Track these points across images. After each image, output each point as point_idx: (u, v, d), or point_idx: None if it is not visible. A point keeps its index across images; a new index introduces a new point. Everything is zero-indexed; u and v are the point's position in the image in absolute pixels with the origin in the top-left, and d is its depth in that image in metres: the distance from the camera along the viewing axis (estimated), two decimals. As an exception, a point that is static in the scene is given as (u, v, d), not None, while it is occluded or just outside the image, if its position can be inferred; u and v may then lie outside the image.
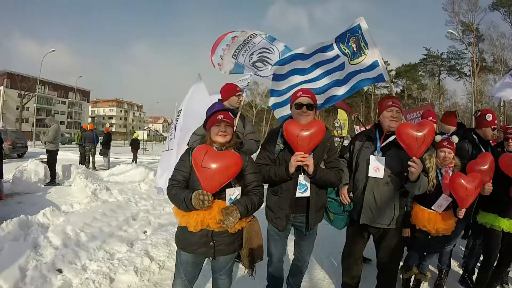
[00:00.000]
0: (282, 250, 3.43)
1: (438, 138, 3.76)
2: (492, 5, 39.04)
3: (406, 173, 3.05)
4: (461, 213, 3.48)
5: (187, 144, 3.95)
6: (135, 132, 30.86)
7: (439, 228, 3.61)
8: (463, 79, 42.73)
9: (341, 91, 4.54)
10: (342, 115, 13.62)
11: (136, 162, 17.62)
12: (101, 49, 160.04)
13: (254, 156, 3.48)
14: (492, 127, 4.06)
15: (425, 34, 70.31)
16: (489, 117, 4.09)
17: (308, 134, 2.89)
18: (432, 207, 3.63)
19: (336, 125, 13.50)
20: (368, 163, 3.28)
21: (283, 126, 3.05)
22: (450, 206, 3.62)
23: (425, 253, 3.97)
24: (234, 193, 2.72)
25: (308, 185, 3.12)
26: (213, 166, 2.46)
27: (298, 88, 4.49)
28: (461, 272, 4.72)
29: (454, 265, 5.13)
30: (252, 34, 5.47)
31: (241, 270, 4.32)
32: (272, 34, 5.54)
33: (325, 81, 4.63)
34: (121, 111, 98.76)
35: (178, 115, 4.66)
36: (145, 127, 77.07)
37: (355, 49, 4.43)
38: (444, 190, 3.56)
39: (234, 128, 4.32)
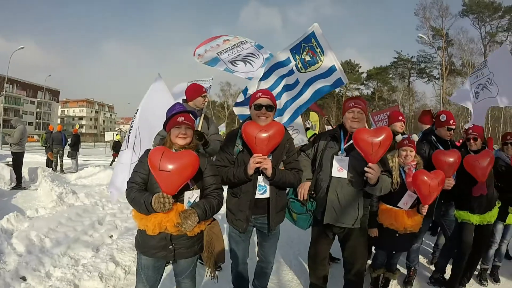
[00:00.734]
0: (245, 252, 3.39)
1: (399, 137, 3.91)
2: (462, 12, 40.80)
3: (366, 177, 3.10)
4: (424, 209, 3.56)
5: (152, 145, 3.88)
6: (117, 134, 30.38)
7: (407, 225, 3.68)
8: (432, 81, 44.35)
9: (302, 101, 4.68)
10: (313, 116, 13.76)
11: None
12: (71, 46, 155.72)
13: None
14: (448, 127, 4.20)
15: (396, 38, 72.50)
16: (443, 117, 4.26)
17: (266, 136, 2.89)
18: (398, 205, 3.71)
19: (308, 125, 13.64)
20: (331, 163, 3.29)
21: (241, 127, 3.04)
22: (416, 204, 3.70)
23: (393, 252, 4.03)
24: (192, 196, 2.70)
25: (268, 186, 3.12)
26: (170, 167, 2.43)
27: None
28: (430, 268, 4.89)
29: (423, 261, 5.27)
30: (243, 41, 5.81)
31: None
32: (245, 34, 5.79)
33: (284, 98, 4.77)
34: (91, 111, 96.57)
35: (135, 115, 4.59)
36: (116, 128, 75.61)
37: (308, 58, 4.52)
38: (408, 187, 3.65)
39: (199, 127, 4.39)
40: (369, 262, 4.38)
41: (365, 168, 3.03)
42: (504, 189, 4.24)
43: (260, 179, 3.10)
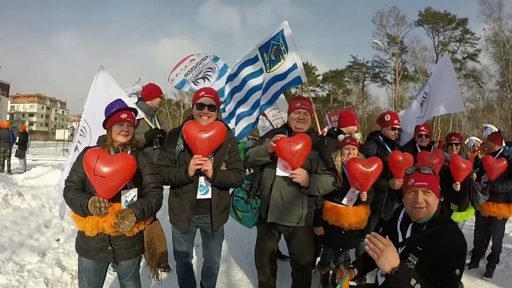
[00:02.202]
0: (189, 252, 3.38)
1: (341, 137, 4.05)
2: (418, 21, 42.75)
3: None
4: (363, 196, 3.67)
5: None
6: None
7: (352, 222, 3.74)
8: (386, 86, 45.91)
9: (263, 101, 4.78)
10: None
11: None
12: (23, 38, 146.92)
13: None
14: (392, 126, 4.39)
15: (353, 43, 74.24)
16: (388, 117, 4.48)
17: (207, 137, 2.87)
18: (342, 202, 3.78)
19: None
20: (276, 162, 3.31)
21: (183, 127, 3.00)
22: (361, 201, 3.77)
23: (340, 249, 4.07)
24: (129, 195, 2.67)
25: (209, 187, 3.10)
26: (106, 172, 2.38)
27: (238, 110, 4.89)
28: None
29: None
30: (204, 57, 6.21)
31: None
32: (204, 32, 6.11)
33: (253, 98, 4.92)
34: (43, 107, 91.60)
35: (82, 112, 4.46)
36: (69, 126, 72.65)
37: (274, 58, 4.62)
38: (351, 184, 3.73)
39: (156, 125, 4.38)
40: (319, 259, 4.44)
41: (288, 175, 3.13)
42: (445, 188, 4.42)
43: (202, 179, 3.09)
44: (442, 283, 2.03)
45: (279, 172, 3.29)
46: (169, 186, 3.20)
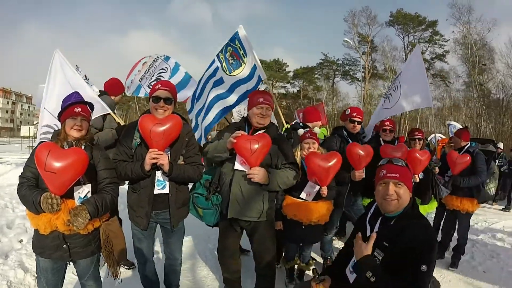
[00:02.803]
0: (149, 249, 3.31)
1: (301, 131, 4.03)
2: (389, 22, 43.57)
3: None
4: (323, 191, 3.64)
5: None
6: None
7: (311, 217, 3.72)
8: (355, 83, 46.67)
9: (229, 102, 4.79)
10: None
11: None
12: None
13: None
14: (350, 119, 4.41)
15: (324, 41, 74.84)
16: (348, 111, 4.56)
17: (161, 130, 2.81)
18: (300, 196, 3.76)
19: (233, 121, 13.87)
20: (235, 156, 3.25)
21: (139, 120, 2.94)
22: (323, 196, 3.74)
23: (301, 244, 4.09)
24: (83, 191, 2.58)
25: (167, 181, 3.04)
26: (57, 167, 2.27)
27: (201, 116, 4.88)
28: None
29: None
30: (155, 58, 6.18)
31: (122, 274, 4.23)
32: (175, 26, 6.07)
33: (211, 95, 4.89)
34: (8, 102, 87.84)
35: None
36: (35, 122, 70.55)
37: (232, 61, 4.61)
38: (309, 178, 3.70)
39: (119, 121, 4.28)
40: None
41: (246, 174, 3.11)
42: None
43: (159, 174, 3.03)
44: (408, 279, 2.00)
45: (237, 166, 3.24)
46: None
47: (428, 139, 8.65)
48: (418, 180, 4.38)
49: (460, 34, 38.02)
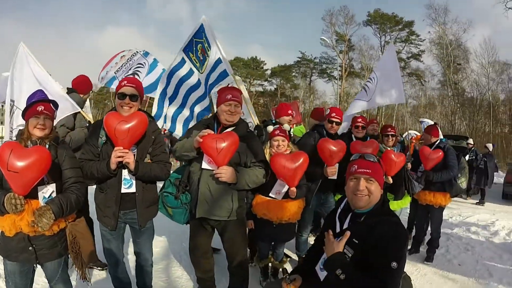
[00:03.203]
0: (118, 250, 3.23)
1: (270, 128, 3.97)
2: (366, 21, 43.83)
3: None
4: (291, 192, 3.57)
5: None
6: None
7: (282, 216, 3.68)
8: (332, 81, 46.89)
9: (206, 102, 4.78)
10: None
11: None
12: None
13: None
14: (328, 119, 4.39)
15: (302, 39, 74.73)
16: (327, 111, 4.58)
17: (127, 128, 2.75)
18: (270, 195, 3.70)
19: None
20: (202, 155, 3.18)
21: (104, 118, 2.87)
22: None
23: (273, 243, 4.05)
24: (47, 191, 2.52)
25: (133, 180, 2.98)
26: (19, 167, 2.21)
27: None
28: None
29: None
30: (134, 52, 6.08)
31: (95, 276, 4.10)
32: (153, 23, 5.98)
33: (189, 104, 4.84)
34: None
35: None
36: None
37: (202, 58, 4.56)
38: (278, 176, 3.63)
39: (89, 119, 4.19)
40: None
41: (214, 170, 3.06)
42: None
43: (125, 172, 2.96)
44: (378, 276, 1.96)
45: (205, 165, 3.18)
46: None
47: (403, 136, 8.78)
48: (391, 181, 4.40)
49: (436, 35, 38.84)
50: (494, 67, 35.09)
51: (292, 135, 5.67)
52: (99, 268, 4.23)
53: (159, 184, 3.30)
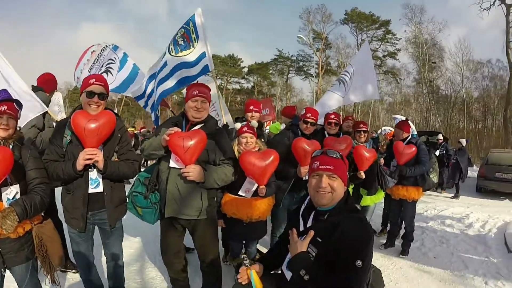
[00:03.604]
0: (88, 252, 3.13)
1: (238, 125, 3.88)
2: (343, 20, 44.46)
3: None
4: (261, 190, 3.51)
5: None
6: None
7: (251, 214, 3.64)
8: (309, 79, 47.38)
9: (167, 85, 4.61)
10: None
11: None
12: None
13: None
14: (303, 119, 4.34)
15: (279, 37, 75.07)
16: (303, 111, 4.53)
17: (96, 126, 2.70)
18: (239, 193, 3.65)
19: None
20: (170, 153, 3.11)
21: (71, 117, 2.79)
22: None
23: (243, 241, 4.00)
24: (11, 192, 2.46)
25: (100, 180, 2.91)
26: None
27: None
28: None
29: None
30: (104, 47, 5.85)
31: (68, 279, 4.01)
32: (129, 19, 5.84)
33: (151, 86, 4.76)
34: None
35: None
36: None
37: (181, 42, 4.48)
38: (246, 174, 3.57)
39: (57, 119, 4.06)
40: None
41: (182, 169, 3.01)
42: (355, 175, 4.55)
43: (92, 172, 2.89)
44: (342, 275, 1.93)
45: (173, 164, 3.12)
46: None
47: (378, 131, 8.89)
48: (363, 177, 4.42)
49: (412, 34, 39.92)
50: (468, 66, 36.53)
51: (267, 132, 5.65)
52: (73, 271, 4.12)
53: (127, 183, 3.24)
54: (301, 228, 2.26)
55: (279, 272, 2.41)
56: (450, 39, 47.93)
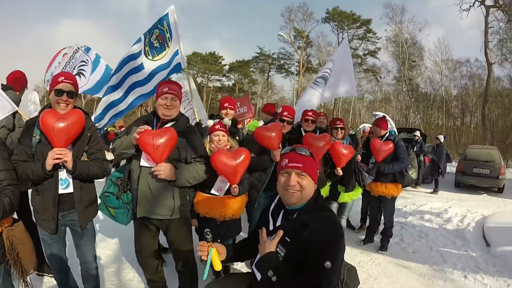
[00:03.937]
0: (62, 255, 3.06)
1: (210, 122, 3.85)
2: (325, 19, 44.52)
3: None
4: (233, 189, 3.47)
5: None
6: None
7: (225, 213, 3.61)
8: (290, 76, 47.38)
9: (146, 89, 4.55)
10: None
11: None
12: None
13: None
14: (280, 118, 4.35)
15: (260, 34, 74.94)
16: (280, 109, 4.58)
17: (65, 126, 2.63)
18: (212, 192, 3.60)
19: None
20: (141, 152, 3.05)
21: (40, 116, 2.72)
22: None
23: (218, 240, 3.98)
24: None
25: (70, 180, 2.84)
26: None
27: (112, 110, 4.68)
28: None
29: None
30: (76, 49, 5.76)
31: (45, 283, 3.92)
32: (111, 14, 5.73)
33: (128, 81, 4.61)
34: None
35: None
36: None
37: (157, 44, 4.41)
38: (218, 173, 3.51)
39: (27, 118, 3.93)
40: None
41: (153, 171, 2.95)
42: (333, 172, 4.53)
43: (62, 173, 2.81)
44: (311, 277, 1.87)
45: (143, 162, 3.06)
46: None
47: (358, 128, 8.95)
48: (341, 173, 4.41)
49: (392, 33, 40.30)
50: (447, 65, 37.26)
51: (244, 130, 5.60)
52: (50, 275, 4.00)
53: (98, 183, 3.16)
54: (271, 227, 2.21)
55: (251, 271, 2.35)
56: (430, 39, 50.15)
